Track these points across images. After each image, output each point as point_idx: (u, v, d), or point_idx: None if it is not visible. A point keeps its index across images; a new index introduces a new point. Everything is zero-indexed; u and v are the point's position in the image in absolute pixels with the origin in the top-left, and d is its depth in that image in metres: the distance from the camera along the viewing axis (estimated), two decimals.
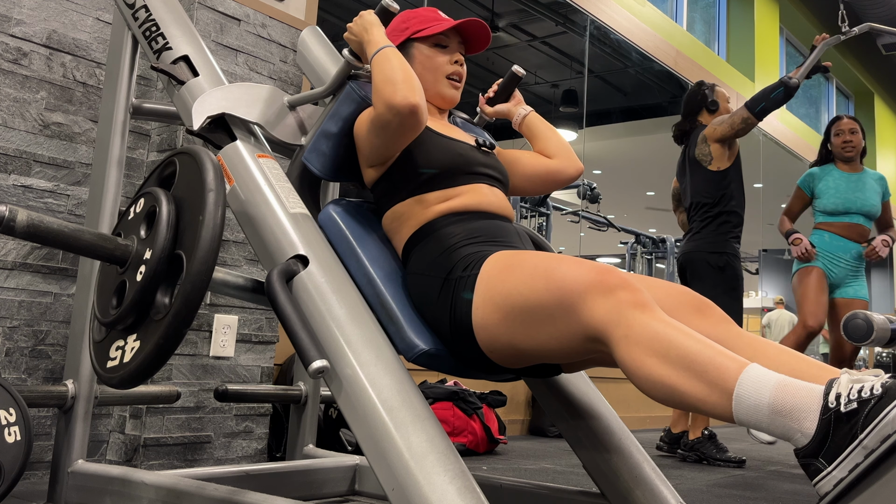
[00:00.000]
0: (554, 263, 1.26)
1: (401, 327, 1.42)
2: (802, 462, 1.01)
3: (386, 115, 1.45)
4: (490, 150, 1.66)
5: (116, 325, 1.32)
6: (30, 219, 1.22)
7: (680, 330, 1.12)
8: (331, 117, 1.64)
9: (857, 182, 3.58)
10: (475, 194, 1.53)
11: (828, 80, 10.59)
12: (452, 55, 1.67)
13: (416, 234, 1.51)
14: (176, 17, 1.89)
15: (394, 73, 1.46)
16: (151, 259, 1.26)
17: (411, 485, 1.16)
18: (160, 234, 1.27)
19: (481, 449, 3.44)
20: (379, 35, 1.56)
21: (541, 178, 1.76)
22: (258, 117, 1.68)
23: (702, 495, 2.60)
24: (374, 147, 1.53)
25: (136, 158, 2.60)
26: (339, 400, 1.31)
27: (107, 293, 1.36)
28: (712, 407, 1.07)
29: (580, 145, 7.24)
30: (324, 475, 2.07)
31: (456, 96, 1.69)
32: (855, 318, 1.56)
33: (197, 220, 1.25)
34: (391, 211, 1.56)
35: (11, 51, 2.30)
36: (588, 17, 5.81)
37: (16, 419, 1.72)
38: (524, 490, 1.79)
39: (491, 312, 1.32)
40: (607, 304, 1.16)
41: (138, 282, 1.26)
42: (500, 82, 1.86)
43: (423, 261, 1.47)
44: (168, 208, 1.31)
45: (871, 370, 1.06)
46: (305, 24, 2.89)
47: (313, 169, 1.64)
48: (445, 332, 1.41)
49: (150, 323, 1.26)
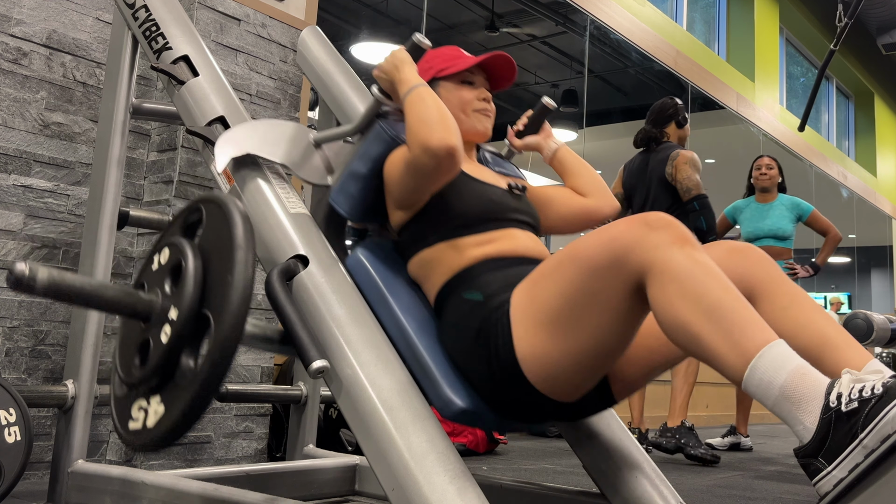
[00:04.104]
0: (573, 247, 1.24)
1: (436, 383, 1.35)
2: (802, 462, 1.01)
3: (422, 157, 1.38)
4: (522, 194, 1.60)
5: (140, 386, 1.26)
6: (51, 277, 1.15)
7: (718, 278, 1.10)
8: (359, 157, 1.56)
9: (766, 210, 4.24)
10: (510, 240, 1.47)
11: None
12: (479, 91, 1.62)
13: (450, 281, 1.44)
14: (176, 17, 1.89)
15: (429, 112, 1.40)
16: (177, 320, 1.20)
17: (411, 485, 1.16)
18: (186, 293, 1.21)
19: (481, 449, 3.44)
20: (411, 73, 1.51)
21: (576, 218, 1.69)
22: (284, 157, 1.63)
23: (702, 495, 2.60)
24: (406, 189, 1.46)
25: (136, 158, 2.60)
26: (339, 400, 1.31)
27: (129, 349, 1.29)
28: (726, 366, 1.06)
29: (580, 145, 7.24)
30: (324, 475, 2.07)
31: (488, 129, 1.64)
32: (855, 318, 1.56)
33: (226, 279, 1.18)
34: (420, 255, 1.48)
35: (11, 51, 2.30)
36: (588, 17, 5.81)
37: (16, 419, 1.72)
38: (524, 490, 1.79)
39: (533, 334, 1.26)
40: (646, 241, 1.14)
41: (163, 343, 1.21)
42: (529, 114, 1.80)
43: (458, 310, 1.40)
44: (194, 264, 1.23)
45: (874, 368, 1.06)
46: (305, 24, 2.89)
47: (341, 211, 1.57)
48: (485, 382, 1.34)
49: (176, 387, 1.20)
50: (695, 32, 7.50)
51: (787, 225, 4.17)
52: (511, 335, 1.28)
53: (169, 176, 2.55)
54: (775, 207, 4.24)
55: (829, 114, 10.60)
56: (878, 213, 11.09)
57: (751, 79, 7.86)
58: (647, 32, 6.28)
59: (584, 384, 1.31)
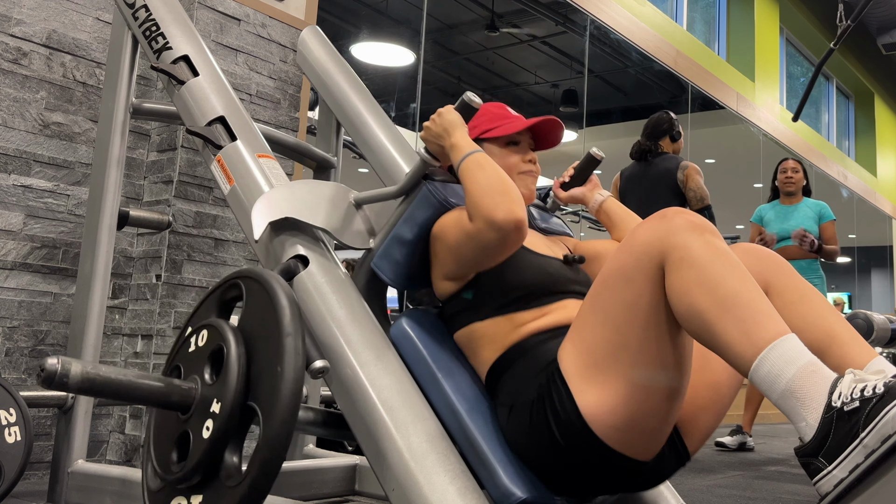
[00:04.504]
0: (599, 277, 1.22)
1: (494, 472, 1.26)
2: (802, 461, 1.01)
3: (487, 231, 1.30)
4: (580, 264, 1.52)
5: (178, 484, 1.17)
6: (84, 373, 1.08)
7: (736, 267, 1.10)
8: (405, 221, 1.48)
9: (791, 212, 4.26)
10: (564, 311, 1.39)
11: (827, 81, 10.58)
12: (525, 154, 1.55)
13: (502, 357, 1.36)
14: (176, 17, 1.89)
15: (491, 182, 1.32)
16: (221, 413, 1.12)
17: (411, 485, 1.16)
18: (230, 384, 1.12)
19: None
20: (464, 138, 1.43)
21: None
22: (324, 222, 1.55)
23: (702, 495, 2.60)
24: (462, 261, 1.39)
25: (136, 158, 2.60)
26: (339, 400, 1.31)
27: (166, 440, 1.21)
28: (736, 355, 1.06)
29: (580, 145, 7.24)
30: (324, 475, 2.06)
31: (533, 193, 1.57)
32: (855, 318, 1.56)
33: (275, 370, 1.10)
34: (469, 329, 1.40)
35: (11, 51, 2.30)
36: (588, 17, 5.81)
37: (16, 419, 1.72)
38: None
39: (590, 382, 1.20)
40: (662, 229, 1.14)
41: (205, 438, 1.12)
42: (576, 165, 1.74)
43: (513, 389, 1.32)
44: (237, 351, 1.15)
45: (877, 367, 1.06)
46: (305, 23, 2.89)
47: (385, 278, 1.48)
48: (550, 458, 1.26)
49: (221, 488, 1.12)
50: (695, 32, 7.50)
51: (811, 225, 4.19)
52: (570, 391, 1.21)
53: (169, 176, 2.55)
54: (800, 209, 4.27)
55: (829, 114, 10.60)
56: (878, 213, 11.09)
57: (751, 79, 7.86)
58: (647, 32, 6.28)
59: (655, 430, 1.23)
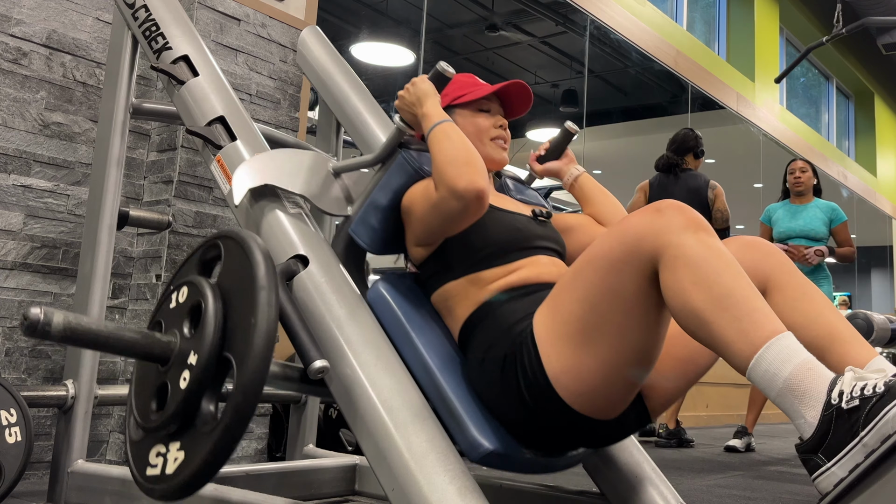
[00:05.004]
0: (586, 252, 1.23)
1: (463, 424, 1.31)
2: (802, 457, 1.02)
3: (449, 200, 1.35)
4: (547, 220, 1.58)
5: (157, 432, 1.22)
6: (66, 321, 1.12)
7: (731, 266, 1.10)
8: (381, 188, 1.53)
9: (800, 211, 4.24)
10: (534, 267, 1.44)
11: (827, 81, 10.58)
12: (495, 119, 1.60)
13: (474, 314, 1.41)
14: (176, 17, 1.89)
15: (456, 153, 1.37)
16: (197, 364, 1.17)
17: (411, 485, 1.16)
18: (207, 336, 1.18)
19: None
20: (434, 107, 1.48)
21: None
22: (303, 188, 1.60)
23: (702, 495, 2.60)
24: (428, 228, 1.44)
25: (136, 158, 2.60)
26: (339, 400, 1.31)
27: (146, 392, 1.26)
28: (733, 354, 1.06)
29: (580, 145, 7.24)
30: (324, 475, 2.07)
31: (505, 157, 1.61)
32: (855, 318, 1.56)
33: (248, 321, 1.16)
34: (443, 289, 1.45)
35: (11, 51, 2.30)
36: (588, 17, 5.81)
37: (16, 419, 1.72)
38: (524, 490, 1.79)
39: (562, 350, 1.23)
40: (657, 225, 1.13)
41: (182, 388, 1.17)
42: (552, 139, 1.78)
43: (483, 344, 1.36)
44: (215, 306, 1.20)
45: (877, 366, 1.06)
46: (305, 24, 2.89)
47: (361, 243, 1.53)
48: (517, 413, 1.31)
49: (197, 434, 1.17)
50: (695, 32, 7.50)
51: (819, 226, 4.14)
52: (539, 356, 1.25)
53: (169, 176, 2.55)
54: (810, 209, 4.24)
55: (829, 114, 10.60)
56: (878, 213, 11.09)
57: (751, 79, 7.86)
58: (647, 32, 6.28)
59: (619, 398, 1.27)
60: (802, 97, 10.09)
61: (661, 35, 6.48)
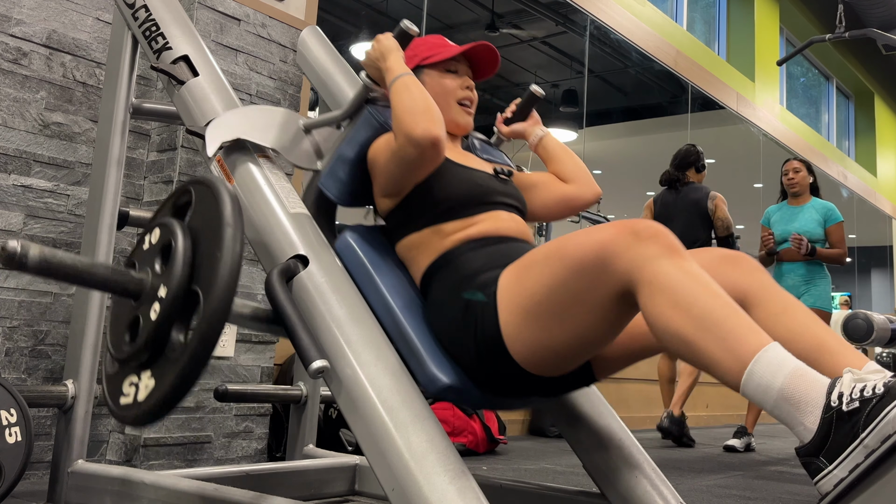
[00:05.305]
0: (562, 242, 1.24)
1: (422, 360, 1.37)
2: (803, 461, 1.01)
3: (406, 147, 1.42)
4: (508, 178, 1.64)
5: (130, 362, 1.29)
6: (42, 254, 1.17)
7: (707, 286, 1.10)
8: (348, 142, 1.60)
9: (797, 212, 4.25)
10: (493, 221, 1.50)
11: (828, 80, 10.59)
12: (462, 80, 1.65)
13: (434, 262, 1.47)
14: (176, 17, 1.89)
15: (414, 103, 1.43)
16: (167, 295, 1.23)
17: (411, 485, 1.16)
18: (176, 270, 1.24)
19: (481, 449, 3.44)
20: (397, 61, 1.53)
21: (557, 204, 1.71)
22: (274, 142, 1.65)
23: (702, 495, 2.60)
24: (391, 178, 1.50)
25: (136, 158, 2.60)
26: (339, 400, 1.31)
27: (120, 326, 1.33)
28: (724, 372, 1.06)
29: (580, 145, 7.24)
30: (324, 475, 2.07)
31: (469, 122, 1.66)
32: (855, 318, 1.56)
33: (214, 256, 1.22)
34: (407, 240, 1.52)
35: (11, 51, 2.30)
36: (588, 17, 5.81)
37: (17, 419, 1.72)
38: (524, 490, 1.79)
39: (519, 318, 1.28)
40: (633, 251, 1.14)
41: (152, 319, 1.24)
42: (518, 102, 1.83)
43: (443, 289, 1.43)
44: (184, 243, 1.27)
45: (874, 368, 1.06)
46: (305, 24, 2.89)
47: (329, 195, 1.59)
48: (471, 359, 1.36)
49: (166, 361, 1.23)
50: (695, 32, 7.50)
51: (815, 228, 4.14)
52: (497, 316, 1.30)
53: (169, 176, 2.55)
54: (806, 210, 4.23)
55: (829, 114, 10.60)
56: (878, 213, 11.09)
57: (751, 79, 7.86)
58: (647, 32, 6.28)
59: (567, 367, 1.35)
60: (802, 97, 10.09)
61: (661, 35, 6.48)
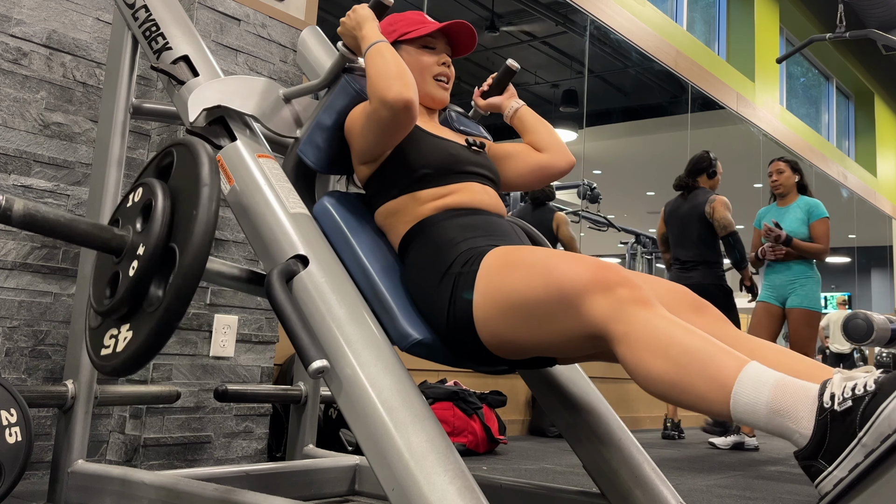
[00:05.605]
0: (553, 261, 1.26)
1: (395, 317, 1.43)
2: (803, 464, 1.01)
3: (380, 109, 1.47)
4: (480, 150, 1.68)
5: (111, 315, 1.34)
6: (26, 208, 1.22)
7: (680, 326, 1.12)
8: (326, 110, 1.65)
9: (783, 214, 4.27)
10: (467, 192, 1.55)
11: (828, 81, 10.58)
12: (440, 56, 1.70)
13: (413, 229, 1.52)
14: (176, 17, 1.89)
15: (388, 68, 1.48)
16: (145, 252, 1.28)
17: (411, 485, 1.16)
18: (155, 228, 1.29)
19: (481, 449, 3.44)
20: (372, 30, 1.58)
21: (531, 173, 1.76)
22: (254, 110, 1.69)
23: (702, 495, 2.60)
24: (367, 143, 1.55)
25: (136, 158, 2.60)
26: (339, 400, 1.31)
27: (102, 282, 1.38)
28: (710, 404, 1.06)
29: (580, 145, 7.24)
30: (324, 475, 2.07)
31: (445, 97, 1.71)
32: (855, 318, 1.55)
33: (191, 213, 1.27)
34: (384, 207, 1.57)
35: (11, 51, 2.30)
36: (588, 17, 5.81)
37: (17, 419, 1.72)
38: (524, 490, 1.79)
39: (492, 309, 1.32)
40: (607, 302, 1.16)
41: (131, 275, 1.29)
42: (495, 76, 1.88)
43: (421, 253, 1.48)
44: (164, 202, 1.32)
45: (863, 367, 1.06)
46: (305, 24, 2.89)
47: (308, 161, 1.65)
48: (441, 325, 1.41)
49: (143, 314, 1.28)
50: (695, 32, 7.50)
51: (800, 226, 4.13)
52: (472, 297, 1.35)
53: None
54: (792, 210, 4.21)
55: (829, 114, 10.60)
56: (878, 213, 11.09)
57: (751, 79, 7.86)
58: (647, 32, 6.28)
59: (528, 356, 1.41)
60: (802, 97, 10.09)
61: (661, 35, 6.48)
